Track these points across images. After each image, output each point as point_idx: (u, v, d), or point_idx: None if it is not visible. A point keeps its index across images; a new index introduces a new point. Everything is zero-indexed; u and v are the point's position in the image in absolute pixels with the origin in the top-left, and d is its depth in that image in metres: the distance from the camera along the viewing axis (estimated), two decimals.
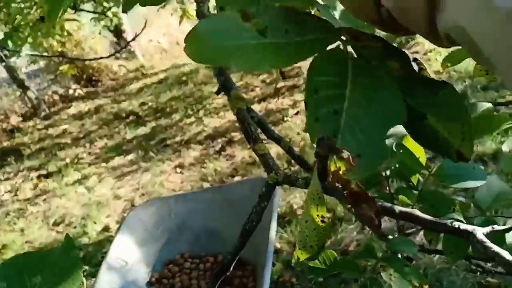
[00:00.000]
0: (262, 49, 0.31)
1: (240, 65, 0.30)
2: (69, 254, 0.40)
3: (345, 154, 0.57)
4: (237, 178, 3.09)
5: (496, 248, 0.46)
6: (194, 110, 4.57)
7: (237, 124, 4.28)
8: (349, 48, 0.34)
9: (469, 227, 0.51)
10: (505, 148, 0.78)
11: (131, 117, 4.85)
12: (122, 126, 4.66)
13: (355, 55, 0.34)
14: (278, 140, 0.82)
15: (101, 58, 2.26)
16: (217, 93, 0.87)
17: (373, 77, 0.32)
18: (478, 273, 1.91)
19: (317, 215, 0.57)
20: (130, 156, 3.91)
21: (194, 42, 0.30)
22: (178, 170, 3.47)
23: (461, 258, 0.69)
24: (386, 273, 0.61)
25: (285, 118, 3.75)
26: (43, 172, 4.06)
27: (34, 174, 4.06)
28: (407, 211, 0.61)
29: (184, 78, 5.66)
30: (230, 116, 4.14)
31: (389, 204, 0.65)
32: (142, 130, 4.42)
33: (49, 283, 0.37)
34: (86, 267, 2.50)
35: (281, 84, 4.55)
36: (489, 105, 0.68)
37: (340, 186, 0.59)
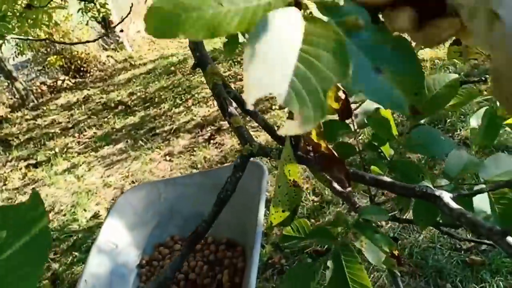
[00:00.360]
0: (218, 16, 0.31)
1: (194, 34, 0.30)
2: (36, 209, 0.40)
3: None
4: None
5: (461, 209, 0.49)
6: (183, 99, 4.57)
7: None
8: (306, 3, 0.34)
9: (436, 191, 0.53)
10: (473, 122, 0.81)
11: (120, 107, 4.84)
12: (111, 116, 4.65)
13: (311, 12, 0.34)
14: (254, 115, 0.85)
15: (87, 42, 2.25)
16: (193, 68, 0.89)
17: (325, 35, 0.32)
18: (463, 251, 1.97)
19: (289, 180, 0.60)
20: (119, 145, 3.91)
21: (151, 17, 0.30)
22: (168, 158, 3.48)
23: (430, 224, 0.72)
24: (358, 240, 0.63)
25: (273, 107, 3.78)
26: (32, 161, 4.05)
27: (23, 164, 4.04)
28: (376, 177, 0.64)
29: (172, 68, 5.65)
30: None
31: (360, 171, 0.68)
32: (131, 120, 4.42)
33: (15, 236, 0.37)
34: (76, 253, 2.52)
35: None
36: (456, 76, 0.70)
37: (311, 150, 0.62)
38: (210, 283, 1.63)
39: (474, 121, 0.81)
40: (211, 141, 3.58)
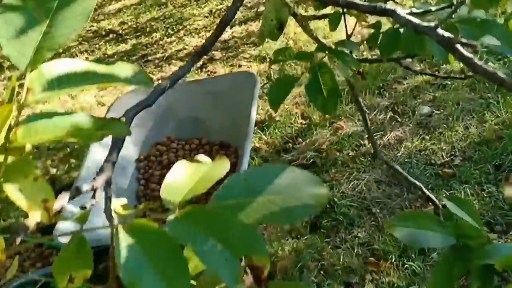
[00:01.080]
0: None
1: None
2: None
3: None
4: None
5: (408, 16, 0.62)
6: (174, 30, 4.60)
7: (218, 44, 4.28)
8: None
9: (393, 7, 0.67)
10: None
11: (111, 35, 4.84)
12: (102, 43, 4.66)
13: None
14: None
15: None
16: None
17: None
18: (436, 166, 2.14)
19: None
20: None
21: None
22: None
23: (392, 53, 0.85)
24: (332, 61, 0.78)
25: (266, 39, 3.84)
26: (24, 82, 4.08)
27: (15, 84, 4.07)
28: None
29: (163, 0, 5.61)
30: None
31: None
32: (123, 47, 4.45)
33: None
34: (73, 160, 2.64)
35: (262, 8, 4.60)
36: None
37: None
38: None
39: None
40: (203, 69, 3.66)
